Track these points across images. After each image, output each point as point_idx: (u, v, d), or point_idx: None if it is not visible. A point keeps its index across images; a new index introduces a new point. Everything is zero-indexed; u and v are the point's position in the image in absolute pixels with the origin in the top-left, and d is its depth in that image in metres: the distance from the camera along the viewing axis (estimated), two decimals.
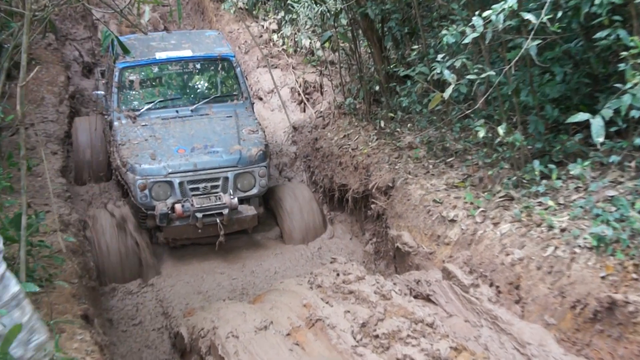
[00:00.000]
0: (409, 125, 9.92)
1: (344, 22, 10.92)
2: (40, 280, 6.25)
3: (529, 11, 5.99)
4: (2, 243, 4.42)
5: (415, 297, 7.00)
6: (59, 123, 11.88)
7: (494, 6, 5.97)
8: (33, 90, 12.00)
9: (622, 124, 6.20)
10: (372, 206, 9.25)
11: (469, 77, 6.78)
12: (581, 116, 5.52)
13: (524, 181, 7.36)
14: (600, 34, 5.91)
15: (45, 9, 5.70)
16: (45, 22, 6.10)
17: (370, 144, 9.98)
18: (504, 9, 5.88)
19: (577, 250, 6.00)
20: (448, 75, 6.71)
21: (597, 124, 5.42)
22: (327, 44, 11.89)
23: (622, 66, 5.59)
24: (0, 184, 5.82)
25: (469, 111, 8.02)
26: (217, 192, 9.32)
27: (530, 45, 5.95)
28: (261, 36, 15.48)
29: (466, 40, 6.34)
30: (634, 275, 5.43)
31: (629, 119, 5.96)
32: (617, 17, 5.78)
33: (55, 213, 7.60)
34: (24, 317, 4.56)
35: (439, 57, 7.19)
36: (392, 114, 10.26)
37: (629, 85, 5.40)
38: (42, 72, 12.55)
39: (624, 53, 5.51)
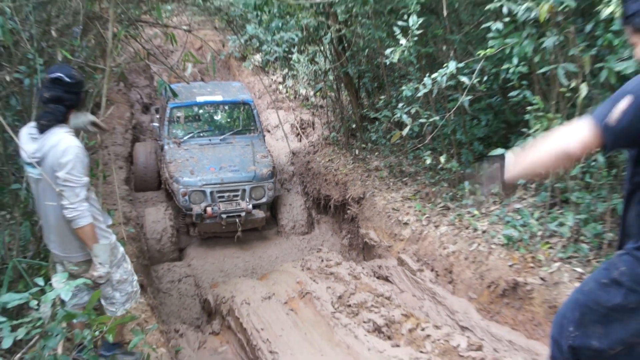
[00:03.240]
0: (376, 153, 9.90)
1: (331, 77, 10.89)
2: None
3: (464, 75, 6.07)
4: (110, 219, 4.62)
5: (378, 277, 7.01)
6: (125, 146, 11.88)
7: (439, 70, 5.93)
8: (107, 122, 12.03)
9: None
10: (348, 211, 9.22)
11: (420, 120, 6.77)
12: (498, 151, 5.54)
13: (458, 196, 7.42)
14: (512, 93, 5.87)
15: (119, 65, 5.84)
16: (119, 74, 6.21)
17: (347, 166, 9.93)
18: (446, 73, 5.90)
19: (493, 246, 6.08)
20: (405, 118, 6.72)
21: (509, 157, 5.50)
22: (318, 93, 11.80)
23: (527, 116, 5.58)
24: None
25: (420, 145, 8.04)
26: (237, 200, 9.36)
27: (464, 99, 5.95)
28: (271, 86, 15.40)
29: (419, 94, 6.28)
30: (532, 265, 5.50)
31: None
32: (524, 82, 5.81)
33: (121, 211, 7.64)
34: (129, 265, 4.75)
35: (400, 105, 7.17)
36: (364, 145, 10.24)
37: (532, 130, 5.44)
38: (114, 110, 12.62)
39: (529, 107, 5.52)
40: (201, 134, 10.40)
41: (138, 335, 3.76)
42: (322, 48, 10.44)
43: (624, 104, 2.34)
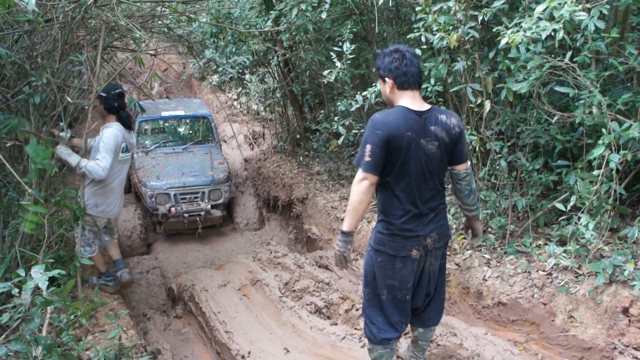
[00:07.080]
0: (317, 160, 9.95)
1: (278, 95, 10.91)
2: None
3: None
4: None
5: (319, 266, 6.94)
6: None
7: (369, 89, 5.95)
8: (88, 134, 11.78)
9: None
10: (294, 210, 9.26)
11: (354, 131, 6.81)
12: None
13: None
14: None
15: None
16: (98, 93, 6.09)
17: (293, 171, 9.97)
18: (374, 91, 5.89)
19: None
20: (341, 129, 6.76)
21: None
22: (268, 108, 11.78)
23: None
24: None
25: (354, 152, 8.16)
26: (197, 201, 9.30)
27: None
28: (226, 102, 15.32)
29: (352, 109, 6.29)
30: (448, 253, 5.45)
31: None
32: (440, 99, 5.86)
33: None
34: None
35: (336, 118, 7.20)
36: (307, 153, 10.27)
37: None
38: (94, 123, 12.37)
39: None
40: (166, 144, 10.27)
41: (112, 319, 3.73)
42: (270, 70, 10.46)
43: (368, 148, 3.27)
